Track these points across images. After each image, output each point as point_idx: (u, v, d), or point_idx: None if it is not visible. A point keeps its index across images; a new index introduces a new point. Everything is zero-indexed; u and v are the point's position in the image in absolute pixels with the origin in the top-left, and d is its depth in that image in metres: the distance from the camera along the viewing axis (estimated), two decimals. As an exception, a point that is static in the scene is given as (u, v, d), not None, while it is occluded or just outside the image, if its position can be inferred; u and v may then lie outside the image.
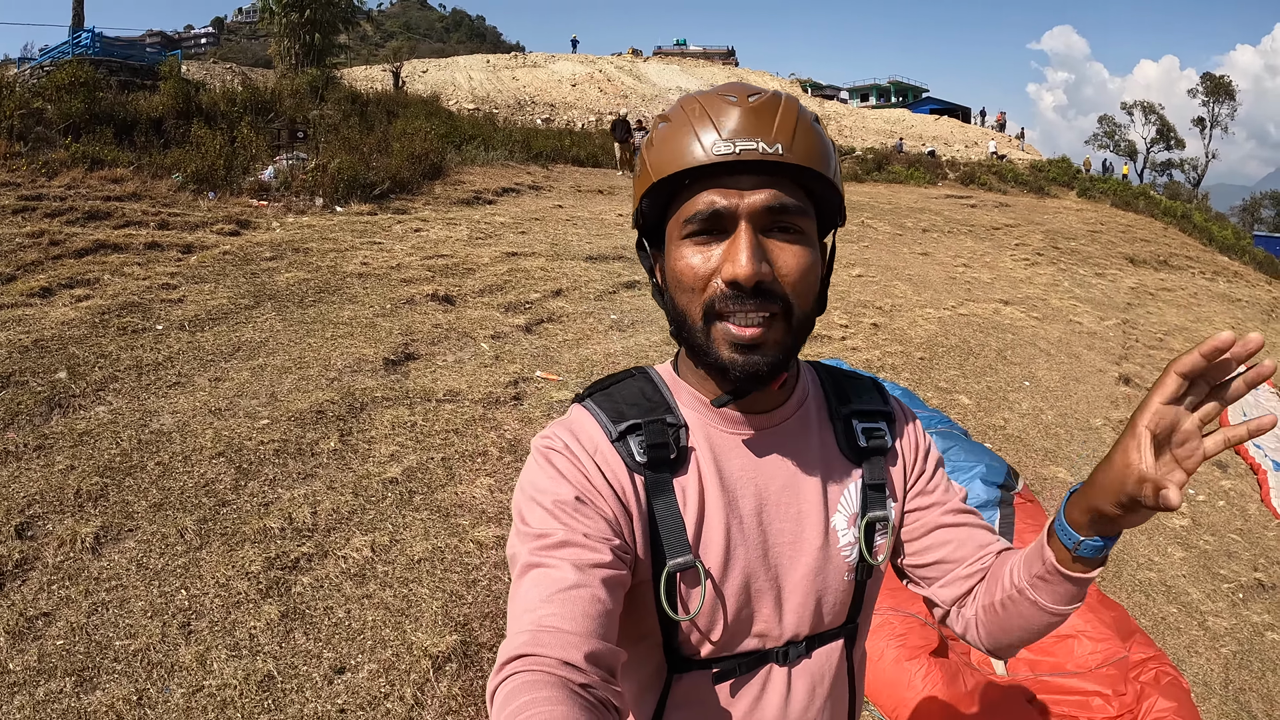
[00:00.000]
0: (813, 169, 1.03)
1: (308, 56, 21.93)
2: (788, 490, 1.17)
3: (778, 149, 1.00)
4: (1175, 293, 18.51)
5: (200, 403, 5.50)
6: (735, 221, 1.03)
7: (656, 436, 1.11)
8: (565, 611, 0.92)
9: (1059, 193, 32.64)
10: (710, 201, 1.03)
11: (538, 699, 0.82)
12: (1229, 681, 4.97)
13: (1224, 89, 64.43)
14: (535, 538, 1.01)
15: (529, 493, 1.07)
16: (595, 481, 1.07)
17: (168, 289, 7.48)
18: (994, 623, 1.21)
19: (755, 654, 1.17)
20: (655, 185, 1.07)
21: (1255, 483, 8.52)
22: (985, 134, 47.74)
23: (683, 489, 1.12)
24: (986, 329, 11.20)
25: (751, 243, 1.01)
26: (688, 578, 1.10)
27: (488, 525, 4.59)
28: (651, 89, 41.43)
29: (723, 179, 1.03)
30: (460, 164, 16.12)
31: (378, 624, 3.74)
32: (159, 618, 3.63)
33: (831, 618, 1.21)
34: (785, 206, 1.03)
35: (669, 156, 1.05)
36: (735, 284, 1.02)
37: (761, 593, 1.15)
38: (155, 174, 11.12)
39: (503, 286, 9.08)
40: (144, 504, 4.41)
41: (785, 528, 1.17)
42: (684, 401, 1.18)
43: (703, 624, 1.12)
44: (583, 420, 1.15)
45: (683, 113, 1.06)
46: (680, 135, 1.04)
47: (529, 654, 0.88)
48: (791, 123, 1.02)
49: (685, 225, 1.06)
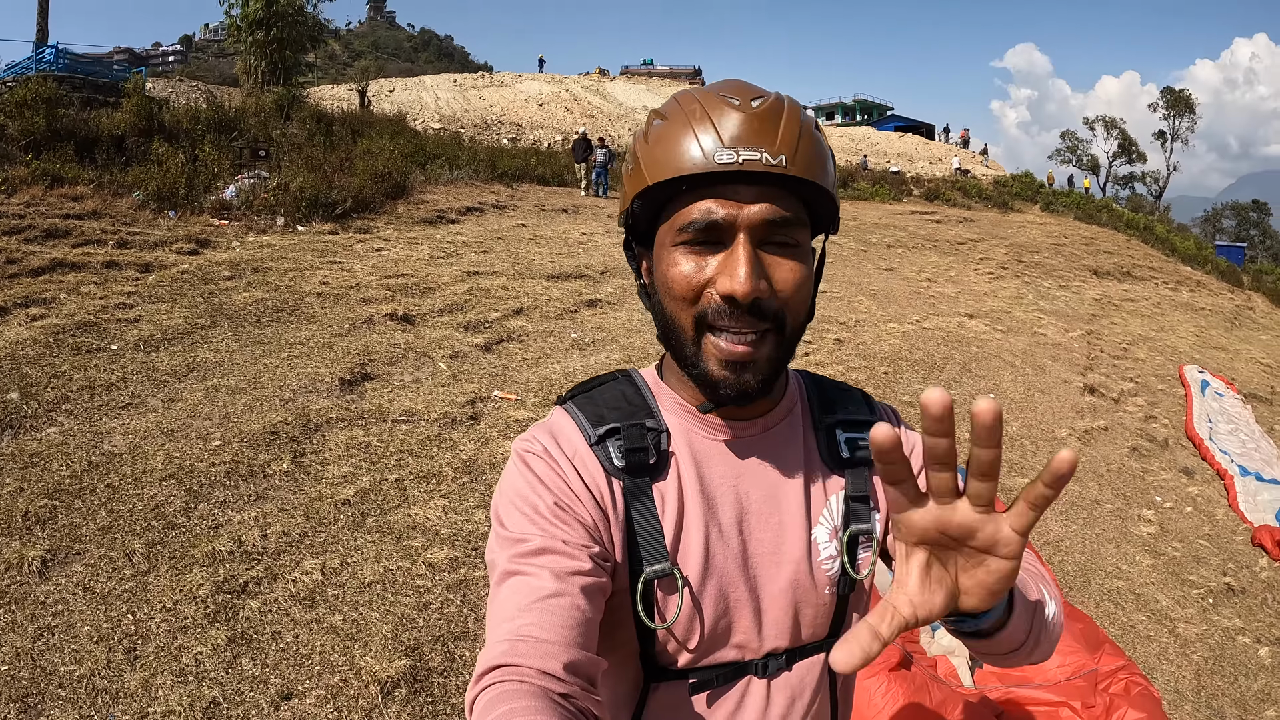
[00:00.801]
0: (814, 182, 1.01)
1: (274, 75, 21.84)
2: (769, 500, 1.15)
3: (781, 160, 0.97)
4: (1139, 303, 18.90)
5: (152, 424, 5.46)
6: (733, 233, 1.00)
7: (635, 441, 1.10)
8: (544, 621, 0.91)
9: (1023, 207, 33.11)
10: (708, 210, 0.99)
11: (517, 709, 0.81)
12: (1201, 688, 5.06)
13: (1184, 103, 65.40)
14: (514, 543, 1.00)
15: (508, 496, 1.06)
16: (574, 486, 1.05)
17: (124, 308, 7.42)
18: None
19: (733, 665, 1.14)
20: (650, 189, 1.03)
21: (1222, 488, 8.70)
22: (949, 150, 48.28)
23: (662, 495, 1.10)
24: (951, 342, 11.34)
25: (750, 258, 0.98)
26: (665, 585, 1.08)
27: (440, 547, 4.58)
28: (618, 108, 41.58)
29: (721, 188, 0.99)
30: (424, 183, 16.11)
31: (326, 649, 3.72)
32: (105, 643, 3.60)
33: (811, 631, 1.17)
34: (784, 220, 1.00)
35: (666, 159, 1.01)
36: (731, 299, 0.99)
37: (740, 603, 1.12)
38: (116, 192, 11.02)
39: (463, 306, 9.09)
40: (92, 527, 4.37)
41: (766, 538, 1.14)
42: (666, 406, 1.16)
43: (680, 633, 1.09)
44: (562, 423, 1.13)
45: (682, 112, 1.02)
46: (679, 137, 1.00)
47: (507, 664, 0.87)
48: (795, 132, 0.99)
49: (680, 232, 1.02)
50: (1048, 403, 9.87)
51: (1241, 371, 14.65)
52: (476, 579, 4.34)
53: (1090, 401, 10.45)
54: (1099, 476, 8.13)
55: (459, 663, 3.72)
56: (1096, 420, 9.78)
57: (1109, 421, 9.87)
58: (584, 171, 21.23)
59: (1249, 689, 5.20)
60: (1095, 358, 12.82)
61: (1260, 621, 6.11)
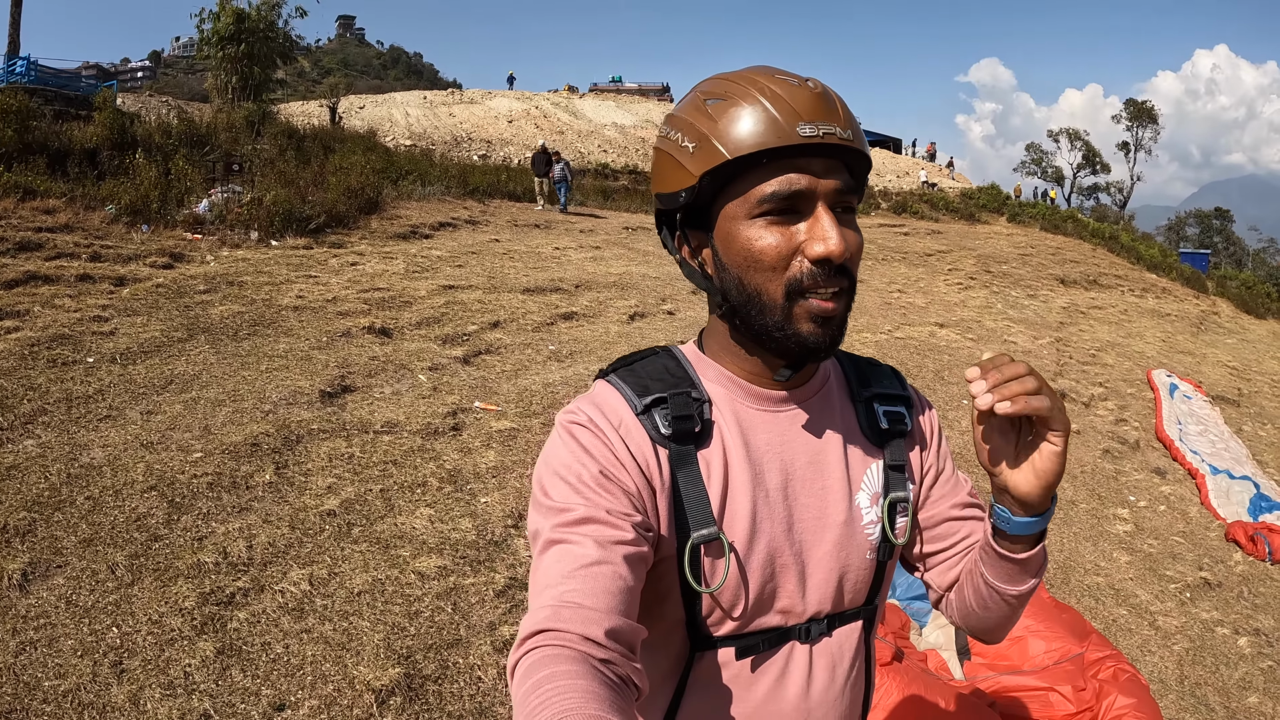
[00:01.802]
0: (868, 155, 1.09)
1: (244, 91, 21.73)
2: (813, 466, 1.18)
3: (849, 135, 1.04)
4: (1106, 310, 19.12)
5: (131, 436, 5.39)
6: (813, 202, 1.05)
7: (682, 409, 1.12)
8: (587, 588, 0.92)
9: (990, 219, 33.37)
10: (789, 181, 1.03)
11: (558, 672, 0.82)
12: (1184, 677, 5.14)
13: (1147, 114, 66.25)
14: (557, 513, 1.01)
15: (553, 466, 1.07)
16: (620, 455, 1.07)
17: (99, 321, 7.33)
18: (962, 602, 1.27)
19: (777, 630, 1.16)
20: (726, 165, 1.04)
21: (1194, 487, 8.84)
22: (916, 164, 48.64)
23: (707, 462, 1.12)
24: (923, 351, 11.43)
25: (835, 222, 1.04)
26: (711, 550, 1.10)
27: (429, 556, 4.54)
28: (587, 125, 41.61)
29: (796, 160, 1.04)
30: (397, 199, 16.07)
31: (318, 659, 3.67)
32: (89, 656, 3.54)
33: (853, 596, 1.21)
34: (849, 188, 1.07)
35: (744, 135, 1.03)
36: (825, 261, 1.04)
37: (786, 568, 1.15)
38: (88, 205, 10.91)
39: (440, 319, 9.06)
40: (73, 539, 4.30)
41: (811, 503, 1.18)
42: (709, 377, 1.18)
43: (726, 598, 1.11)
44: (607, 395, 1.14)
45: (750, 91, 1.05)
46: (755, 114, 1.03)
47: (550, 629, 0.88)
48: (847, 110, 1.06)
49: (760, 204, 1.05)
50: (1020, 408, 9.94)
51: (1208, 375, 14.82)
52: (466, 587, 4.31)
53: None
54: (1074, 478, 8.21)
55: (453, 670, 3.68)
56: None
57: (1081, 425, 9.99)
58: (541, 186, 21.13)
59: (1230, 678, 5.30)
60: (1065, 364, 12.97)
61: (1238, 613, 6.23)
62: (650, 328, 10.15)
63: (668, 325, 10.40)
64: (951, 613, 1.32)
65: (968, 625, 1.29)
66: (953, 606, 1.31)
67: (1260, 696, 5.15)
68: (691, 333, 9.89)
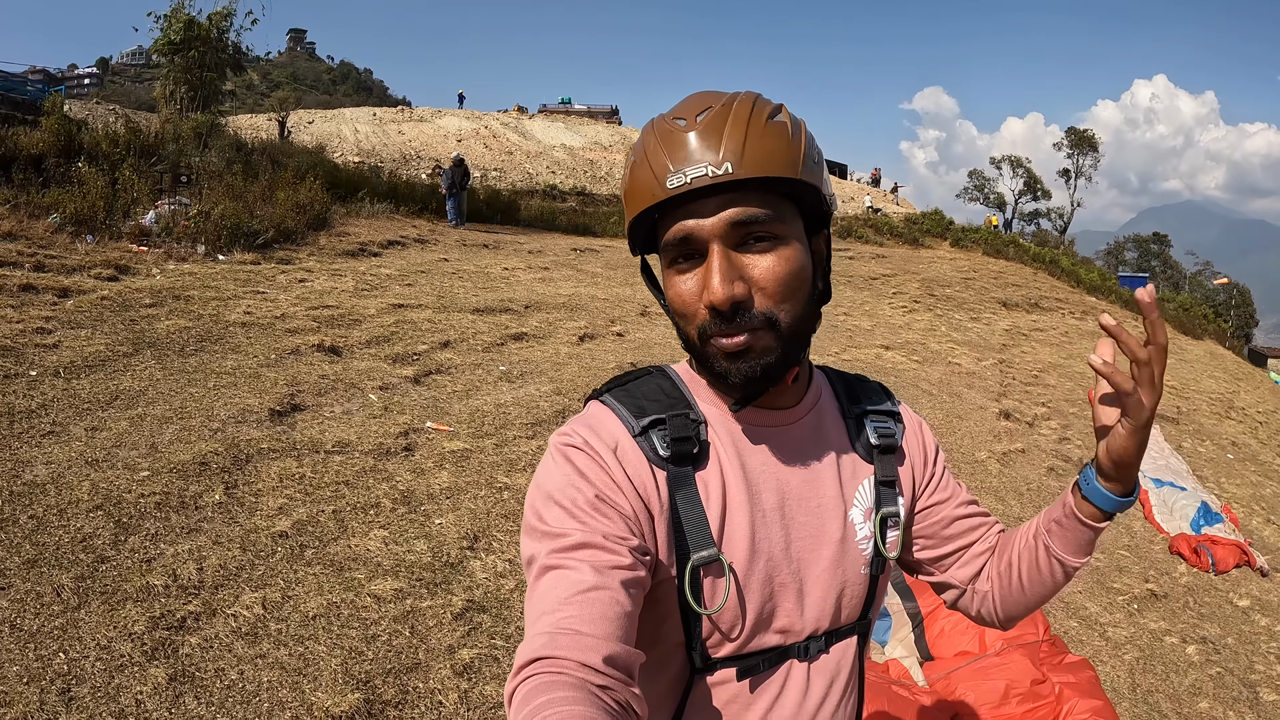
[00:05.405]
0: (770, 176, 1.02)
1: (193, 101, 21.40)
2: (808, 484, 1.20)
3: (727, 169, 1.00)
4: (1047, 332, 19.59)
5: (76, 453, 5.25)
6: (704, 245, 1.04)
7: (680, 430, 1.11)
8: (584, 614, 0.92)
9: (933, 243, 34.03)
10: (679, 229, 1.05)
11: (555, 699, 0.82)
12: (1136, 685, 5.32)
13: (1087, 142, 68.09)
14: (553, 538, 1.00)
15: (547, 490, 1.06)
16: (616, 478, 1.06)
17: (42, 334, 7.14)
18: (1004, 583, 1.30)
19: (777, 650, 1.17)
20: (632, 224, 1.11)
21: (1137, 502, 8.99)
22: (861, 189, 49.41)
23: (705, 483, 1.12)
24: (870, 373, 11.53)
25: (722, 265, 1.03)
26: (711, 572, 1.10)
27: (384, 579, 4.47)
28: (537, 145, 41.59)
29: (686, 206, 1.04)
30: (345, 216, 15.91)
31: (274, 684, 3.59)
32: (36, 683, 3.42)
33: (849, 611, 1.23)
34: (752, 219, 1.03)
35: (637, 195, 1.07)
36: (712, 308, 1.04)
37: (784, 586, 1.16)
38: (33, 213, 10.63)
39: (390, 338, 8.97)
40: (17, 560, 4.17)
41: (807, 521, 1.18)
42: (703, 398, 1.19)
43: (726, 619, 1.11)
44: (602, 416, 1.14)
45: (642, 146, 1.08)
46: (641, 171, 1.06)
47: (547, 656, 0.87)
48: (741, 134, 1.01)
49: (665, 254, 1.10)
50: (966, 428, 10.14)
51: (1149, 394, 15.21)
52: (424, 610, 4.25)
53: (1006, 426, 10.79)
54: (1020, 495, 8.39)
55: (413, 695, 3.62)
56: (1014, 443, 10.09)
57: (1025, 444, 10.19)
58: (460, 205, 20.19)
59: (1181, 684, 5.52)
60: (1009, 385, 13.24)
61: (1184, 623, 6.47)
62: (600, 349, 10.14)
63: (618, 347, 10.40)
64: (977, 602, 1.36)
65: (1003, 607, 1.33)
66: (983, 597, 1.34)
67: (1211, 702, 5.35)
68: (642, 355, 9.90)
